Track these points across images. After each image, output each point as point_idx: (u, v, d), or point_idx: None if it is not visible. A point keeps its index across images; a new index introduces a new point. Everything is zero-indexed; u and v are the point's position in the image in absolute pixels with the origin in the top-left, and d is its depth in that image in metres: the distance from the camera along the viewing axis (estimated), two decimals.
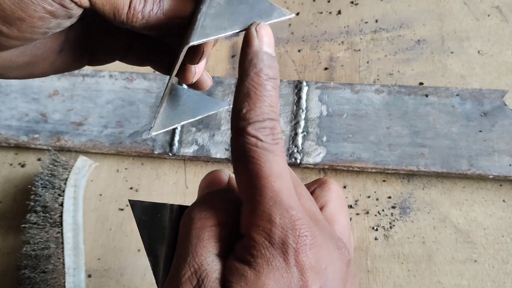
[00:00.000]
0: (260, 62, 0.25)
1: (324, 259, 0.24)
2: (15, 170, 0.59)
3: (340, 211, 0.29)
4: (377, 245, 0.51)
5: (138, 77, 0.60)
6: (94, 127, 0.58)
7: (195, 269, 0.24)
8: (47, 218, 0.52)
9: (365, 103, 0.56)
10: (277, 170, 0.24)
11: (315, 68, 0.61)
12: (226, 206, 0.26)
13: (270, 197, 0.24)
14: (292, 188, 0.25)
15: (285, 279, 0.22)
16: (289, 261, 0.23)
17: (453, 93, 0.55)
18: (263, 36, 0.26)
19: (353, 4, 0.64)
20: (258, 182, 0.24)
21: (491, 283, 0.48)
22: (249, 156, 0.24)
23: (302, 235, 0.23)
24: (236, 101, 0.25)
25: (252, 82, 0.25)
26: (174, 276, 0.24)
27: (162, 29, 0.30)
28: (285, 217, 0.23)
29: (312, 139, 0.55)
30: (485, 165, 0.51)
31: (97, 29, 0.33)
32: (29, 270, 0.50)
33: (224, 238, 0.25)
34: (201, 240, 0.25)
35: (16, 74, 0.32)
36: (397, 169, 0.53)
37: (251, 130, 0.24)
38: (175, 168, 0.57)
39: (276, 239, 0.23)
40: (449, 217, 0.52)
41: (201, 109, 0.35)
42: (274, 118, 0.25)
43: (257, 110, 0.24)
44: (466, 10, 0.62)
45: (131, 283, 0.52)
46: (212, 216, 0.26)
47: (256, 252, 0.23)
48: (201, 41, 0.27)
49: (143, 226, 0.30)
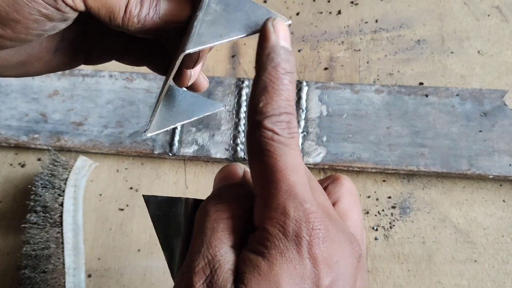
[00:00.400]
0: (277, 56, 0.25)
1: (336, 253, 0.24)
2: (15, 170, 0.59)
3: (353, 207, 0.29)
4: (377, 245, 0.51)
5: (138, 77, 0.60)
6: (94, 127, 0.58)
7: (209, 259, 0.24)
8: (47, 218, 0.52)
9: (365, 103, 0.56)
10: (292, 163, 0.24)
11: (315, 68, 0.61)
12: (240, 200, 0.26)
13: (285, 190, 0.24)
14: (307, 182, 0.25)
15: (298, 271, 0.23)
16: (302, 253, 0.23)
17: (453, 93, 0.55)
18: (279, 30, 0.26)
19: (353, 4, 0.64)
20: (273, 175, 0.24)
21: (491, 283, 0.48)
22: (265, 150, 0.24)
23: (316, 228, 0.23)
24: (253, 95, 0.25)
25: (269, 76, 0.25)
26: (188, 266, 0.25)
27: (158, 33, 0.30)
28: (299, 210, 0.23)
29: (312, 139, 0.55)
30: (485, 165, 0.51)
31: (93, 30, 0.33)
32: (29, 270, 0.50)
33: (238, 230, 0.25)
34: (215, 231, 0.25)
35: (10, 73, 0.32)
36: (397, 169, 0.53)
37: (267, 124, 0.24)
38: (175, 168, 0.57)
39: (290, 231, 0.23)
40: (449, 217, 0.52)
41: (196, 110, 0.35)
42: (290, 112, 0.25)
43: (274, 104, 0.24)
44: (466, 10, 0.62)
45: (131, 283, 0.52)
46: (227, 209, 0.26)
47: (269, 244, 0.23)
48: (197, 49, 0.27)
49: (158, 221, 0.30)
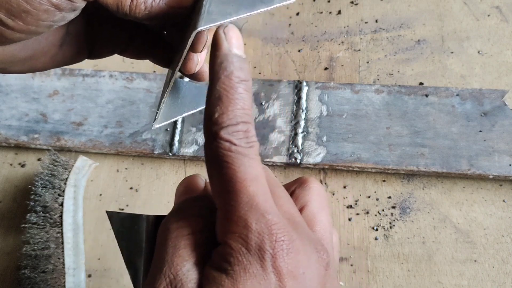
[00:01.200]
0: (230, 65, 0.24)
1: (302, 264, 0.23)
2: (15, 170, 0.59)
3: (320, 210, 0.28)
4: (377, 245, 0.51)
5: (138, 77, 0.60)
6: (94, 127, 0.58)
7: (171, 279, 0.23)
8: (47, 218, 0.52)
9: (365, 103, 0.56)
10: (252, 173, 0.24)
11: (315, 68, 0.61)
12: (202, 213, 0.26)
13: (246, 202, 0.23)
14: (268, 191, 0.24)
15: (262, 286, 0.22)
16: (266, 267, 0.22)
17: (453, 93, 0.55)
18: (232, 38, 0.25)
19: (353, 4, 0.64)
20: (232, 187, 0.23)
21: (491, 283, 0.48)
22: (223, 161, 0.24)
23: (279, 240, 0.23)
24: (208, 105, 0.24)
25: (223, 85, 0.24)
26: (150, 286, 0.24)
27: (164, 19, 0.30)
28: (261, 222, 0.23)
29: (312, 139, 0.55)
30: (485, 165, 0.51)
31: (98, 22, 0.34)
32: (29, 270, 0.50)
33: (201, 245, 0.24)
34: (177, 249, 0.24)
35: (17, 69, 0.32)
36: (397, 169, 0.53)
37: (224, 135, 0.24)
38: (175, 168, 0.57)
39: (252, 245, 0.22)
40: (449, 217, 0.52)
41: (201, 100, 0.35)
42: (247, 121, 0.24)
43: (229, 113, 0.24)
44: (466, 10, 0.62)
45: (131, 283, 0.52)
46: (188, 224, 0.25)
47: (232, 259, 0.22)
48: (208, 26, 0.27)
49: (121, 238, 0.29)
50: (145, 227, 0.28)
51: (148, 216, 0.28)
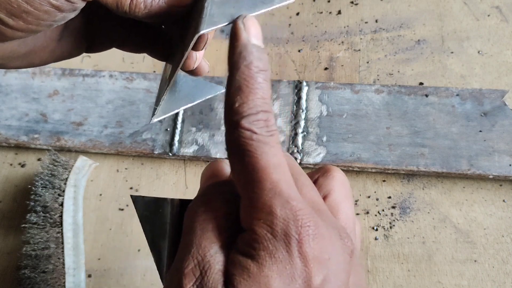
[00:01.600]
0: (249, 55, 0.25)
1: (327, 250, 0.23)
2: (15, 170, 0.59)
3: (344, 200, 0.28)
4: (377, 245, 0.51)
5: (138, 77, 0.60)
6: (94, 127, 0.58)
7: (199, 260, 0.24)
8: (47, 218, 0.52)
9: (365, 103, 0.56)
10: (274, 161, 0.24)
11: (315, 68, 0.61)
12: (228, 198, 0.26)
13: (269, 189, 0.23)
14: (291, 178, 0.24)
15: (288, 271, 0.22)
16: (292, 252, 0.22)
17: (453, 93, 0.55)
18: (250, 28, 0.25)
19: (353, 4, 0.64)
20: (255, 175, 0.24)
21: (491, 283, 0.48)
22: (244, 150, 0.24)
23: (305, 225, 0.23)
24: (228, 95, 0.25)
25: (243, 75, 0.24)
26: (178, 267, 0.24)
27: (163, 18, 0.30)
28: (286, 208, 0.23)
29: (312, 139, 0.55)
30: (485, 165, 0.51)
31: (96, 17, 0.34)
32: (29, 270, 0.50)
33: (227, 230, 0.25)
34: (205, 231, 0.25)
35: (16, 64, 0.32)
36: (397, 169, 0.53)
37: (245, 124, 0.24)
38: (175, 168, 0.57)
39: (278, 231, 0.23)
40: (449, 217, 0.52)
41: (198, 93, 0.35)
42: (267, 110, 0.24)
43: (249, 103, 0.24)
44: (466, 10, 0.62)
45: (131, 283, 0.52)
46: (216, 208, 0.26)
47: (258, 245, 0.23)
48: (210, 29, 0.27)
49: (145, 221, 0.30)
50: (170, 210, 0.29)
51: (173, 199, 0.29)
